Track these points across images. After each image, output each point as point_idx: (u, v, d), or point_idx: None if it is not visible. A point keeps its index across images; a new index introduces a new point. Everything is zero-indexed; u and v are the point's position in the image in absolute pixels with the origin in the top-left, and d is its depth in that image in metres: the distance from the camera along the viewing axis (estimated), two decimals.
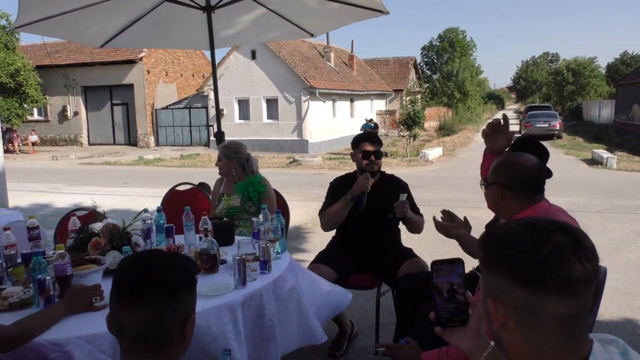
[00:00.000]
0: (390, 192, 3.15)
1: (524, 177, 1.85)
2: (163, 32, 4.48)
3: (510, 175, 1.86)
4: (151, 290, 1.13)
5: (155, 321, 1.12)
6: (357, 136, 3.26)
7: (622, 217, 7.20)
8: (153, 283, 1.14)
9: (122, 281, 1.16)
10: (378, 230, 3.12)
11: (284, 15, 4.24)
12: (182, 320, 1.17)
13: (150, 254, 1.24)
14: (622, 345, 0.98)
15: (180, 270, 1.19)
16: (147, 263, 1.20)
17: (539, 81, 76.88)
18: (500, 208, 1.93)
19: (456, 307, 1.20)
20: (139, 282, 1.14)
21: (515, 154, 2.00)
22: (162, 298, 1.13)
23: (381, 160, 3.16)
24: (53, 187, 11.37)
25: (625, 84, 28.59)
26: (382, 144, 3.23)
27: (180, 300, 1.17)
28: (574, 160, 15.25)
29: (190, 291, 1.21)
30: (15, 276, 2.17)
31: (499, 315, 0.96)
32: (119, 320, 1.15)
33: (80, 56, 23.79)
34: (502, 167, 1.90)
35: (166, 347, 1.15)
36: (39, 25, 3.64)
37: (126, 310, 1.13)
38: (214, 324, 1.90)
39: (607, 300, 3.89)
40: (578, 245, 0.91)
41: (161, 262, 1.20)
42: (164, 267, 1.18)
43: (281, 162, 16.39)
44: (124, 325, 1.14)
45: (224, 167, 3.48)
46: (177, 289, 1.16)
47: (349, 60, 28.07)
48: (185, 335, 1.18)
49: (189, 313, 1.19)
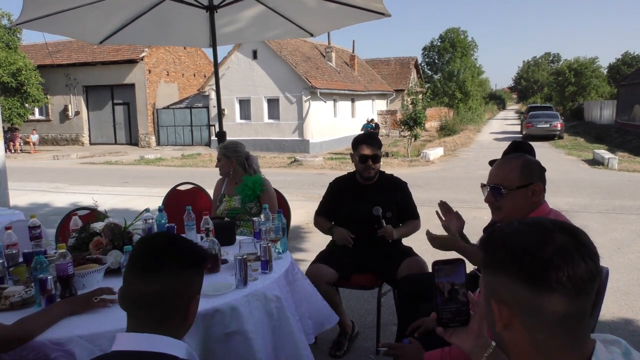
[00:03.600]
0: (388, 191, 3.18)
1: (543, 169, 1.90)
2: (163, 29, 4.48)
3: (541, 170, 1.89)
4: (166, 264, 1.21)
5: (165, 293, 1.20)
6: (356, 137, 3.26)
7: (623, 218, 7.20)
8: (168, 257, 1.23)
9: (139, 253, 1.26)
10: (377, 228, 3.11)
11: (285, 15, 4.24)
12: (189, 297, 1.24)
13: (167, 234, 1.34)
14: (625, 345, 0.98)
15: (193, 250, 1.29)
16: (164, 240, 1.30)
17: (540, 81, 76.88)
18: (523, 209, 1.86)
19: (457, 308, 1.20)
20: (156, 255, 1.23)
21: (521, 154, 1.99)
22: (176, 273, 1.22)
23: (379, 163, 3.16)
24: (54, 187, 11.38)
25: (626, 85, 28.55)
26: (382, 145, 3.23)
27: (191, 278, 1.25)
28: (575, 161, 15.23)
29: (199, 272, 1.29)
30: (16, 275, 2.17)
31: (502, 316, 0.96)
32: (130, 289, 1.22)
33: (82, 56, 23.82)
34: (530, 165, 1.88)
35: (170, 320, 1.22)
36: (39, 22, 3.65)
37: (140, 280, 1.21)
38: (214, 324, 1.90)
39: (608, 300, 3.88)
40: (581, 244, 0.91)
41: (177, 240, 1.30)
42: (179, 246, 1.28)
43: (282, 162, 16.40)
44: (135, 295, 1.21)
45: (224, 167, 3.48)
46: (189, 267, 1.25)
47: (350, 60, 28.07)
48: (189, 314, 1.25)
49: (195, 293, 1.27)
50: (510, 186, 1.87)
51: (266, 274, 2.29)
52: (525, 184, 1.85)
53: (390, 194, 3.19)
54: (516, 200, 1.87)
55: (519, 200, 1.87)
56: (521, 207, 1.87)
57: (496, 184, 1.90)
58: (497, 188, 1.89)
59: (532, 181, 1.86)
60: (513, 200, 1.87)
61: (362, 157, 3.11)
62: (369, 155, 3.10)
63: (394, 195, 3.21)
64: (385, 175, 3.30)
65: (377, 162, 3.13)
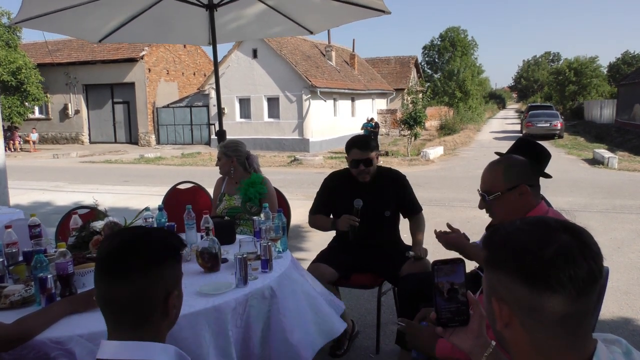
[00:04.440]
0: (386, 187, 3.11)
1: (533, 168, 1.90)
2: (163, 27, 4.48)
3: (527, 171, 1.88)
4: (132, 263, 1.12)
5: (136, 294, 1.12)
6: (348, 141, 3.15)
7: (623, 217, 7.20)
8: (134, 256, 1.13)
9: (103, 255, 1.16)
10: (376, 227, 3.09)
11: (285, 13, 4.24)
12: (166, 294, 1.16)
13: (132, 229, 1.25)
14: (625, 345, 0.98)
15: (162, 243, 1.19)
16: (128, 237, 1.19)
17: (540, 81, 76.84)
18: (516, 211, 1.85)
19: (457, 307, 1.19)
20: (120, 255, 1.14)
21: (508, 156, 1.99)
22: (145, 271, 1.12)
23: (372, 166, 3.04)
24: (54, 186, 11.38)
25: (626, 84, 28.53)
26: (376, 147, 3.12)
27: (162, 274, 1.15)
28: (575, 160, 15.23)
29: (172, 265, 1.19)
30: (16, 274, 2.17)
31: (503, 315, 0.95)
32: (101, 295, 1.15)
33: (82, 54, 23.81)
34: (514, 168, 1.88)
35: (149, 322, 1.14)
36: (39, 21, 3.65)
37: (108, 284, 1.13)
38: (215, 323, 1.90)
39: (608, 300, 3.88)
40: (583, 245, 0.90)
41: (141, 235, 1.20)
42: (146, 241, 1.17)
43: (282, 161, 16.39)
44: (106, 300, 1.14)
45: (225, 166, 3.47)
46: (159, 262, 1.15)
47: (350, 59, 28.05)
48: (168, 310, 1.17)
49: (172, 287, 1.18)
50: (496, 191, 1.88)
51: (266, 273, 2.29)
52: (510, 188, 1.86)
53: (390, 189, 3.13)
54: (505, 204, 1.88)
55: (508, 204, 1.88)
56: (513, 209, 1.87)
57: (484, 190, 1.93)
58: (486, 194, 1.92)
59: (517, 184, 1.85)
60: (502, 204, 1.89)
61: (353, 161, 3.04)
62: (360, 160, 3.01)
63: (394, 189, 3.14)
64: (383, 169, 3.21)
65: (369, 166, 3.04)
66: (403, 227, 3.26)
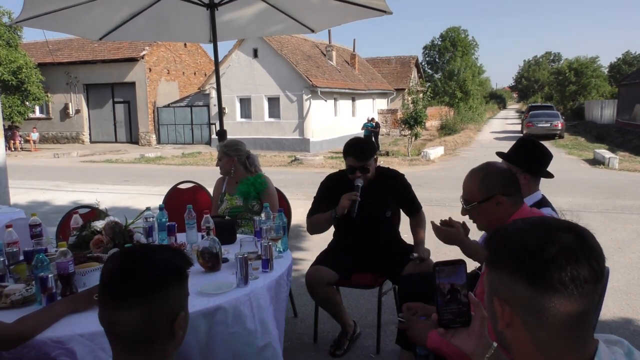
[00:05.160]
0: (386, 187, 3.09)
1: (511, 179, 1.89)
2: (163, 25, 4.48)
3: (504, 180, 1.86)
4: (134, 288, 1.07)
5: (141, 319, 1.07)
6: (345, 145, 3.10)
7: (623, 218, 7.19)
8: (136, 280, 1.08)
9: (105, 280, 1.11)
10: (376, 228, 3.09)
11: (286, 11, 4.24)
12: (171, 317, 1.11)
13: (135, 250, 1.18)
14: (627, 346, 0.97)
15: (165, 264, 1.13)
16: (130, 259, 1.13)
17: (540, 81, 76.78)
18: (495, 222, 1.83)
19: (458, 308, 1.19)
20: (122, 280, 1.09)
21: (486, 164, 1.97)
22: (147, 295, 1.07)
23: (368, 173, 3.00)
24: (54, 185, 11.38)
25: (627, 84, 28.52)
26: (373, 153, 3.05)
27: (167, 297, 1.10)
28: (576, 160, 15.22)
29: (179, 287, 1.14)
30: (17, 273, 2.17)
31: (505, 315, 0.95)
32: (105, 320, 1.11)
33: (82, 54, 23.81)
34: (491, 178, 1.87)
35: (155, 345, 1.10)
36: (39, 20, 3.65)
37: (112, 309, 1.09)
38: (216, 322, 1.90)
39: (608, 300, 3.88)
40: (585, 245, 0.90)
41: (145, 257, 1.13)
42: (148, 263, 1.11)
43: (282, 161, 16.39)
44: (111, 325, 1.10)
45: (225, 165, 3.46)
46: (163, 285, 1.10)
47: (350, 59, 28.04)
48: (175, 333, 1.12)
49: (178, 310, 1.13)
50: (473, 201, 1.89)
51: (267, 273, 2.29)
52: (485, 199, 1.85)
53: (390, 189, 3.11)
54: (482, 214, 1.89)
55: (486, 212, 1.87)
56: (492, 218, 1.86)
57: (464, 198, 1.94)
58: (464, 203, 1.93)
59: (492, 194, 1.84)
60: (480, 213, 1.89)
61: (349, 168, 3.02)
62: (356, 167, 2.98)
63: (394, 189, 3.13)
64: (382, 169, 3.18)
65: (366, 173, 2.99)
66: (403, 227, 3.26)
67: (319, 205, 3.16)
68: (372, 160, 3.02)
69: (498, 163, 1.99)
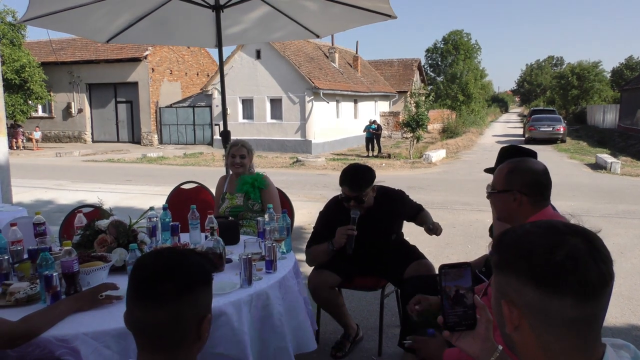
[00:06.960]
0: (387, 213, 3.03)
1: (538, 181, 1.87)
2: (169, 29, 4.49)
3: (527, 179, 1.86)
4: (167, 289, 1.11)
5: (171, 320, 1.11)
6: (342, 172, 2.98)
7: (626, 222, 7.18)
8: (169, 281, 1.12)
9: (138, 280, 1.15)
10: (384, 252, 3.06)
11: (291, 16, 4.24)
12: (199, 318, 1.15)
13: (167, 252, 1.22)
14: (634, 350, 0.97)
15: (196, 267, 1.17)
16: (163, 261, 1.17)
17: (543, 85, 76.84)
18: (513, 215, 1.86)
19: (464, 311, 1.19)
20: (155, 281, 1.12)
21: (523, 159, 1.98)
22: (179, 296, 1.11)
23: (364, 203, 2.90)
24: (56, 184, 11.40)
25: (629, 89, 28.52)
26: (370, 182, 2.91)
27: (197, 299, 1.15)
28: (578, 165, 15.21)
29: (206, 289, 1.18)
30: (21, 272, 2.18)
31: (513, 318, 0.95)
32: (135, 319, 1.14)
33: (86, 53, 23.87)
34: (516, 173, 1.88)
35: (182, 345, 1.14)
36: (45, 20, 3.65)
37: (143, 310, 1.12)
38: (219, 323, 1.91)
39: (610, 305, 3.82)
40: (594, 249, 0.90)
41: (178, 260, 1.17)
42: (181, 265, 1.16)
43: (284, 162, 16.40)
44: (140, 324, 1.13)
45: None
46: (194, 287, 1.14)
47: (353, 62, 28.07)
48: (201, 334, 1.16)
49: (205, 311, 1.17)
50: (495, 188, 1.91)
51: (271, 274, 2.29)
52: (505, 190, 1.87)
53: (391, 214, 3.06)
54: (501, 203, 1.91)
55: (503, 203, 1.89)
56: (508, 211, 1.88)
57: (490, 183, 1.97)
58: (491, 187, 1.96)
59: (510, 188, 1.85)
60: (499, 202, 1.92)
61: (344, 197, 2.96)
62: (351, 197, 2.91)
63: (395, 212, 3.09)
64: (380, 192, 3.05)
65: (361, 203, 2.89)
66: (404, 228, 3.25)
67: (318, 236, 3.06)
68: (368, 190, 2.91)
69: (534, 161, 1.97)
